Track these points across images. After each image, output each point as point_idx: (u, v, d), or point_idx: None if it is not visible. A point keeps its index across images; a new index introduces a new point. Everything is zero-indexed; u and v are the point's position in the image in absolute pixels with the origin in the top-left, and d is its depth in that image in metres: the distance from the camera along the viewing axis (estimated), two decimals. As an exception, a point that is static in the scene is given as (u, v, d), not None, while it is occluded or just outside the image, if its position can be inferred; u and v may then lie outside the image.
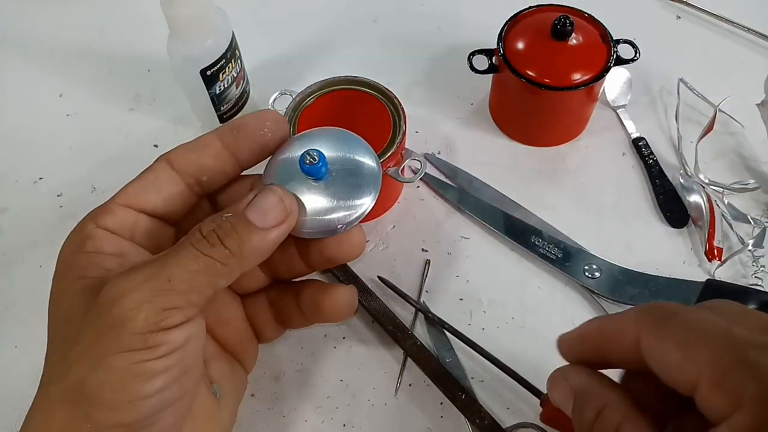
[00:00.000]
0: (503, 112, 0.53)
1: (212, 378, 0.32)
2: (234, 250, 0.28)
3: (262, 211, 0.28)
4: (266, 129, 0.31)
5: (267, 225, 0.28)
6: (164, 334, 0.26)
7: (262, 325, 0.36)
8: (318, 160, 0.30)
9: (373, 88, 0.46)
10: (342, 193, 0.31)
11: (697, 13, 0.60)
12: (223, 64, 0.47)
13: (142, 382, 0.26)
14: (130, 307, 0.26)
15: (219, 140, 0.31)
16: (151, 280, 0.27)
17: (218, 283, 0.28)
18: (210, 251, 0.28)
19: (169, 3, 0.43)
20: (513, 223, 0.48)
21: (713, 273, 0.46)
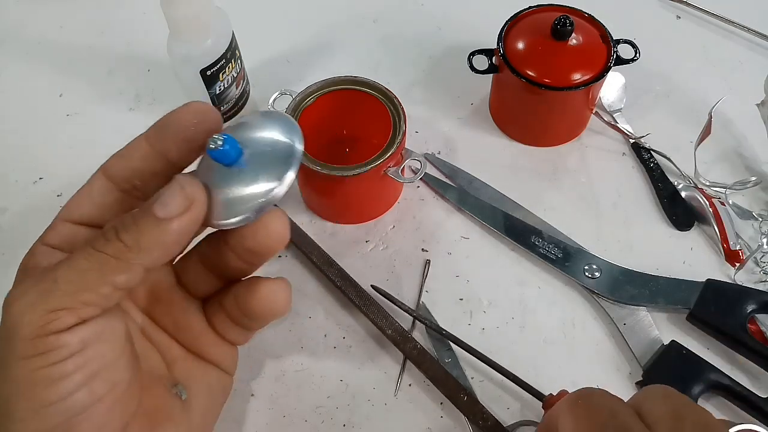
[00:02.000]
0: (503, 112, 0.53)
1: (177, 380, 0.32)
2: (130, 243, 0.26)
3: (163, 203, 0.27)
4: (190, 124, 0.30)
5: (168, 215, 0.27)
6: (55, 338, 0.25)
7: (225, 329, 0.34)
8: (223, 143, 0.28)
9: (373, 88, 0.46)
10: (256, 178, 0.29)
11: (697, 13, 0.60)
12: (223, 64, 0.47)
13: (43, 389, 0.25)
14: (16, 313, 0.26)
15: (146, 142, 0.30)
16: (38, 283, 0.26)
17: (116, 281, 0.27)
18: (103, 247, 0.27)
19: (169, 3, 0.43)
20: (513, 223, 0.48)
21: (734, 276, 0.46)
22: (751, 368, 0.42)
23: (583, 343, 0.44)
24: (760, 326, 0.42)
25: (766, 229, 0.47)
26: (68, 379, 0.26)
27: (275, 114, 0.31)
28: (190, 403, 0.32)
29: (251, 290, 0.32)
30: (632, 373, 0.43)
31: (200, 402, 0.33)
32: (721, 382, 0.40)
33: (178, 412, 0.31)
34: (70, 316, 0.26)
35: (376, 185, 0.46)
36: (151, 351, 0.32)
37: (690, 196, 0.49)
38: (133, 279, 0.27)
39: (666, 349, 0.42)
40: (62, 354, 0.26)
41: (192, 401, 0.32)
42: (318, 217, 0.49)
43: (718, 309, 0.42)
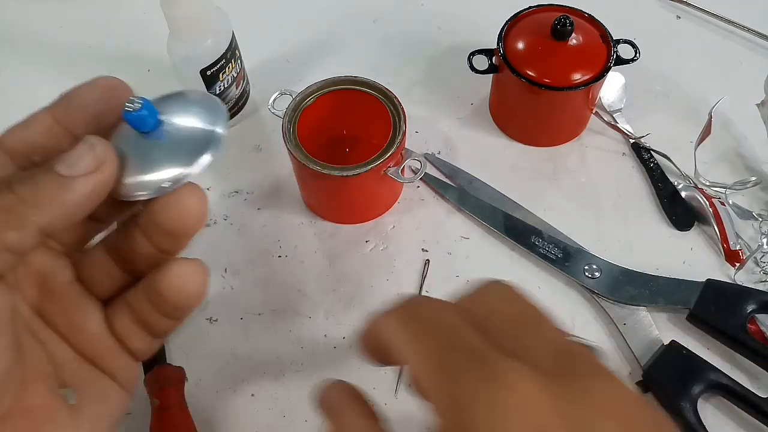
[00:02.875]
0: (503, 112, 0.53)
1: (64, 383, 0.29)
2: (24, 195, 0.24)
3: (70, 160, 0.25)
4: (99, 97, 0.27)
5: (73, 174, 0.24)
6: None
7: (126, 336, 0.30)
8: (141, 106, 0.26)
9: (373, 88, 0.46)
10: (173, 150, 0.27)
11: (697, 13, 0.60)
12: (223, 64, 0.47)
13: None
14: None
15: (50, 115, 0.28)
16: None
17: (5, 238, 0.23)
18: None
19: (169, 3, 0.43)
20: (513, 223, 0.48)
21: (734, 276, 0.46)
22: (751, 368, 0.42)
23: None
24: (760, 326, 0.42)
25: (766, 229, 0.47)
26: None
27: (201, 93, 0.30)
28: (80, 409, 0.28)
29: (162, 271, 0.28)
30: (632, 373, 0.43)
31: (91, 411, 0.29)
32: (721, 382, 0.40)
33: (63, 416, 0.28)
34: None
35: (376, 185, 0.46)
36: (37, 350, 0.29)
37: (690, 196, 0.49)
38: (25, 240, 0.24)
39: (666, 349, 0.42)
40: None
41: (82, 408, 0.28)
42: (318, 217, 0.49)
43: (718, 309, 0.42)
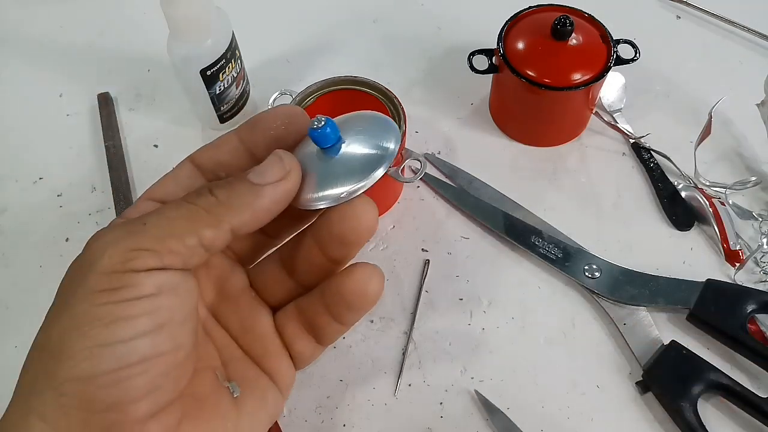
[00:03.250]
0: (503, 112, 0.53)
1: (231, 377, 0.31)
2: (222, 198, 0.27)
3: (261, 170, 0.28)
4: (280, 123, 0.31)
5: (264, 181, 0.27)
6: (131, 275, 0.24)
7: (293, 339, 0.33)
8: (324, 124, 0.29)
9: (373, 88, 0.46)
10: (349, 165, 0.30)
11: (697, 13, 0.60)
12: (223, 64, 0.47)
13: (103, 326, 0.24)
14: (98, 248, 0.25)
15: (237, 137, 0.31)
16: (127, 225, 0.26)
17: (203, 234, 0.26)
18: (195, 199, 0.27)
19: (169, 3, 0.43)
20: (513, 223, 0.48)
21: (734, 276, 0.46)
22: (751, 368, 0.42)
23: (583, 343, 0.44)
24: (760, 326, 0.42)
25: (766, 229, 0.47)
26: (133, 321, 0.24)
27: (377, 115, 0.32)
28: (242, 404, 0.30)
29: (345, 273, 0.31)
30: (632, 373, 0.43)
31: (251, 407, 0.31)
32: (721, 382, 0.40)
33: (227, 407, 0.30)
34: (152, 258, 0.25)
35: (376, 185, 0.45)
36: (209, 345, 0.31)
37: (690, 196, 0.49)
38: (219, 238, 0.27)
39: (666, 349, 0.42)
40: (133, 293, 0.24)
41: (243, 403, 0.31)
42: (318, 217, 0.49)
43: (718, 309, 0.42)
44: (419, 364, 0.43)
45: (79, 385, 0.23)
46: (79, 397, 0.24)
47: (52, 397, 0.24)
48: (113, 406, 0.24)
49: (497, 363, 0.43)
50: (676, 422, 0.40)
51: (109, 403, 0.24)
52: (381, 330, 0.44)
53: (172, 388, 0.26)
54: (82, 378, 0.23)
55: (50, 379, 0.24)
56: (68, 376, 0.23)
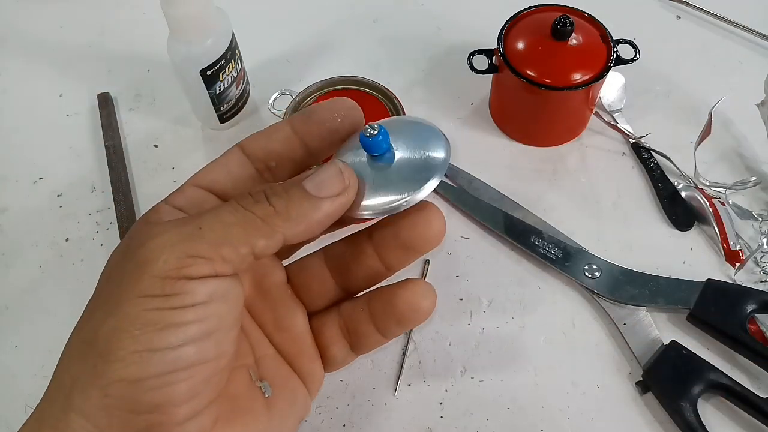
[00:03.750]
0: (503, 112, 0.53)
1: (262, 376, 0.31)
2: (279, 209, 0.26)
3: (319, 181, 0.27)
4: (337, 115, 0.30)
5: (322, 194, 0.27)
6: (185, 283, 0.24)
7: (329, 342, 0.33)
8: (378, 132, 0.28)
9: (373, 88, 0.46)
10: (405, 172, 0.29)
11: (697, 13, 0.60)
12: (223, 64, 0.47)
13: (154, 331, 0.24)
14: (153, 250, 0.25)
15: (290, 126, 0.30)
16: (182, 226, 0.26)
17: (256, 243, 0.26)
18: (252, 206, 0.26)
19: (169, 3, 0.43)
20: (513, 223, 0.48)
21: (734, 276, 0.46)
22: (751, 368, 0.42)
23: (583, 343, 0.44)
24: (760, 326, 0.42)
25: (766, 229, 0.47)
26: (184, 328, 0.24)
27: (424, 122, 0.32)
28: (273, 403, 0.30)
29: (401, 285, 0.31)
30: (632, 373, 0.43)
31: (282, 407, 0.31)
32: (721, 382, 0.40)
33: (259, 407, 0.30)
34: (206, 265, 0.25)
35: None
36: (244, 342, 0.31)
37: (690, 196, 0.49)
38: (272, 247, 0.27)
39: (666, 349, 0.42)
40: (186, 301, 0.24)
41: (275, 402, 0.31)
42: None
43: (718, 309, 0.42)
44: (419, 364, 0.43)
45: (126, 387, 0.24)
46: (125, 398, 0.24)
47: (98, 396, 0.24)
48: (156, 408, 0.24)
49: (497, 363, 0.43)
50: (676, 422, 0.40)
51: (153, 405, 0.24)
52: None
53: (212, 391, 0.27)
54: (130, 380, 0.24)
55: (97, 379, 0.24)
56: (116, 378, 0.24)
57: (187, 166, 0.51)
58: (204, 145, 0.53)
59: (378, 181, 0.29)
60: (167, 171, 0.52)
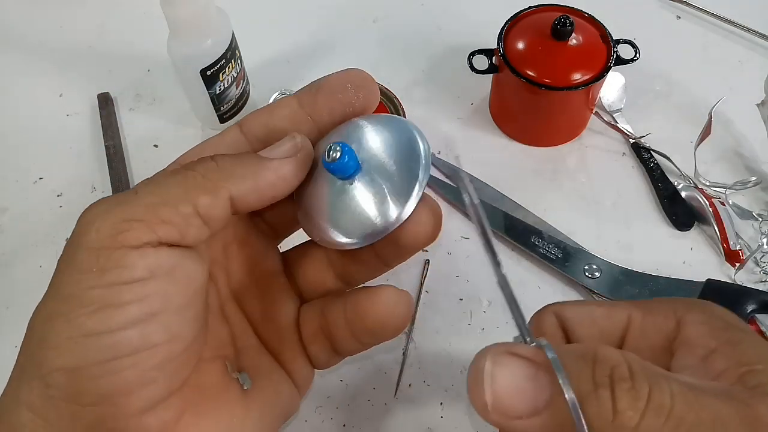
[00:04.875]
0: (503, 112, 0.53)
1: (243, 367, 0.28)
2: (223, 165, 0.24)
3: (272, 147, 0.26)
4: (350, 86, 0.27)
5: (271, 155, 0.25)
6: (122, 253, 0.22)
7: (310, 339, 0.30)
8: (340, 154, 0.25)
9: (373, 88, 0.46)
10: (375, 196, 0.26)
11: (697, 13, 0.60)
12: (223, 64, 0.47)
13: (89, 313, 0.22)
14: (87, 221, 0.23)
15: (296, 100, 0.28)
16: (118, 195, 0.24)
17: (198, 200, 0.23)
18: (192, 165, 0.24)
19: (169, 3, 0.43)
20: (513, 223, 0.48)
21: (734, 277, 0.46)
22: (751, 368, 0.42)
23: (583, 343, 0.44)
24: (760, 326, 0.42)
25: (766, 229, 0.47)
26: (122, 309, 0.22)
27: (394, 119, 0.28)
28: (252, 397, 0.28)
29: (370, 293, 0.28)
30: (632, 373, 0.42)
31: (263, 399, 0.28)
32: (721, 382, 0.40)
33: (234, 399, 0.27)
34: (145, 229, 0.23)
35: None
36: (222, 331, 0.29)
37: (690, 196, 0.49)
38: (218, 206, 0.24)
39: (666, 349, 0.41)
40: (123, 276, 0.22)
41: (254, 396, 0.28)
42: (318, 217, 0.49)
43: (718, 309, 0.42)
44: (419, 364, 0.43)
45: (66, 376, 0.22)
46: (66, 388, 0.22)
47: (39, 387, 0.22)
48: (102, 398, 0.22)
49: (497, 363, 0.43)
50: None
51: (98, 395, 0.22)
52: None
53: (170, 380, 0.24)
54: (68, 369, 0.22)
55: (37, 368, 0.22)
56: (54, 366, 0.22)
57: (187, 166, 0.51)
58: (204, 145, 0.53)
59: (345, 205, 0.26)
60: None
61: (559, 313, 0.26)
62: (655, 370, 0.20)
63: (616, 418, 0.18)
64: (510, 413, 0.20)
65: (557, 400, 0.19)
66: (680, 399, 0.19)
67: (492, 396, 0.20)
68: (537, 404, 0.20)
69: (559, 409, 0.19)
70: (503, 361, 0.21)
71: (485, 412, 0.20)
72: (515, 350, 0.21)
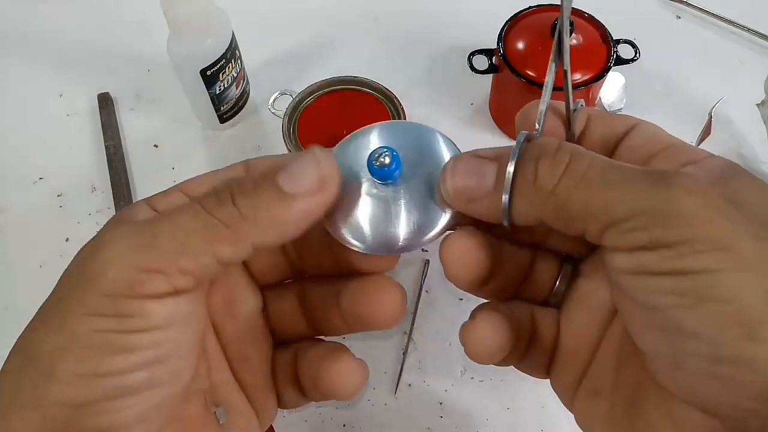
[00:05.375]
0: (503, 112, 0.53)
1: (218, 401, 0.28)
2: (245, 211, 0.23)
3: (293, 174, 0.23)
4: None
5: (294, 191, 0.23)
6: (140, 303, 0.22)
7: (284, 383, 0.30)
8: (391, 161, 0.24)
9: (373, 88, 0.46)
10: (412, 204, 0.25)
11: (697, 13, 0.60)
12: (223, 64, 0.47)
13: (103, 356, 0.21)
14: (101, 263, 0.22)
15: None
16: (134, 235, 0.22)
17: (220, 252, 0.23)
18: (214, 209, 0.23)
19: (169, 3, 0.43)
20: (513, 223, 0.48)
21: None
22: (751, 368, 0.42)
23: (583, 343, 0.44)
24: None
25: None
26: (136, 354, 0.22)
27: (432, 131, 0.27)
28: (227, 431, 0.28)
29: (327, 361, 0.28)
30: (632, 373, 0.42)
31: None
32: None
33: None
34: (164, 281, 0.22)
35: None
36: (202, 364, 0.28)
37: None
38: (240, 255, 0.23)
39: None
40: (141, 324, 0.22)
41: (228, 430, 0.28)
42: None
43: (718, 309, 0.42)
44: (419, 364, 0.43)
45: (69, 411, 0.22)
46: (66, 422, 0.22)
47: (37, 418, 0.22)
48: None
49: (497, 363, 0.43)
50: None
51: (96, 430, 0.22)
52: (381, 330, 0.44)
53: (163, 417, 0.24)
54: (73, 404, 0.22)
55: (37, 399, 0.22)
56: (57, 401, 0.21)
57: (186, 166, 0.51)
58: (204, 145, 0.53)
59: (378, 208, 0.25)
60: (167, 171, 0.52)
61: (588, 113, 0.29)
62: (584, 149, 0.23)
63: (536, 181, 0.22)
64: (465, 196, 0.24)
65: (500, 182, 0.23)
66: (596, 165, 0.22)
67: (451, 184, 0.24)
68: (486, 187, 0.23)
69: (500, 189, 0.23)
70: (462, 157, 0.25)
71: (448, 197, 0.24)
72: (477, 153, 0.25)
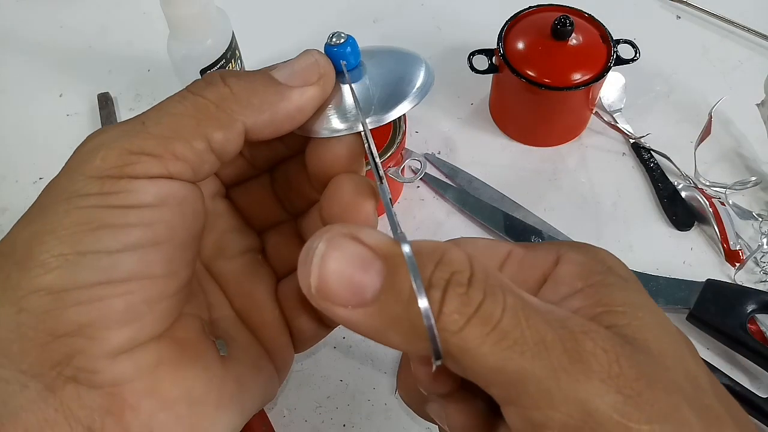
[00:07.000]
0: (503, 112, 0.53)
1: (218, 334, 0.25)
2: (237, 90, 0.22)
3: (291, 71, 0.23)
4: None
5: (292, 83, 0.23)
6: (128, 180, 0.20)
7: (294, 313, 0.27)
8: (345, 41, 0.25)
9: (373, 87, 0.46)
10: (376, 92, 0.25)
11: (697, 13, 0.60)
12: (223, 64, 0.47)
13: (85, 231, 0.19)
14: (88, 149, 0.21)
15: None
16: (124, 124, 0.21)
17: (212, 135, 0.21)
18: (202, 90, 0.22)
19: (169, 3, 0.43)
20: (513, 223, 0.48)
21: (734, 277, 0.46)
22: (751, 368, 0.42)
23: (583, 343, 0.44)
24: (760, 326, 0.42)
25: (766, 229, 0.47)
26: (125, 230, 0.20)
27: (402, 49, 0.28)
28: (230, 365, 0.24)
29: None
30: (632, 373, 0.42)
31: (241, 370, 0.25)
32: (720, 381, 0.40)
33: (211, 359, 0.24)
34: (156, 164, 0.20)
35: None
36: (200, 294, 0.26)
37: (690, 196, 0.49)
38: (232, 140, 0.22)
39: (666, 349, 0.41)
40: (130, 199, 0.20)
41: (232, 364, 0.24)
42: (318, 217, 0.49)
43: (718, 309, 0.42)
44: (419, 364, 0.43)
45: (45, 299, 0.19)
46: (43, 314, 0.19)
47: (10, 313, 0.19)
48: (80, 329, 0.19)
49: (497, 363, 0.43)
50: (676, 422, 0.40)
51: (77, 324, 0.19)
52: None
53: (155, 322, 0.21)
54: (51, 289, 0.19)
55: (10, 291, 0.19)
56: (33, 287, 0.19)
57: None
58: (204, 145, 0.53)
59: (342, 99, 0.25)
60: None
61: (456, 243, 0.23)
62: (499, 282, 0.18)
63: (440, 319, 0.17)
64: (335, 300, 0.18)
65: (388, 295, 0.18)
66: (510, 314, 0.18)
67: (318, 278, 0.18)
68: (365, 295, 0.18)
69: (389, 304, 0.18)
70: (340, 244, 0.18)
71: (309, 295, 0.19)
72: (359, 234, 0.18)
